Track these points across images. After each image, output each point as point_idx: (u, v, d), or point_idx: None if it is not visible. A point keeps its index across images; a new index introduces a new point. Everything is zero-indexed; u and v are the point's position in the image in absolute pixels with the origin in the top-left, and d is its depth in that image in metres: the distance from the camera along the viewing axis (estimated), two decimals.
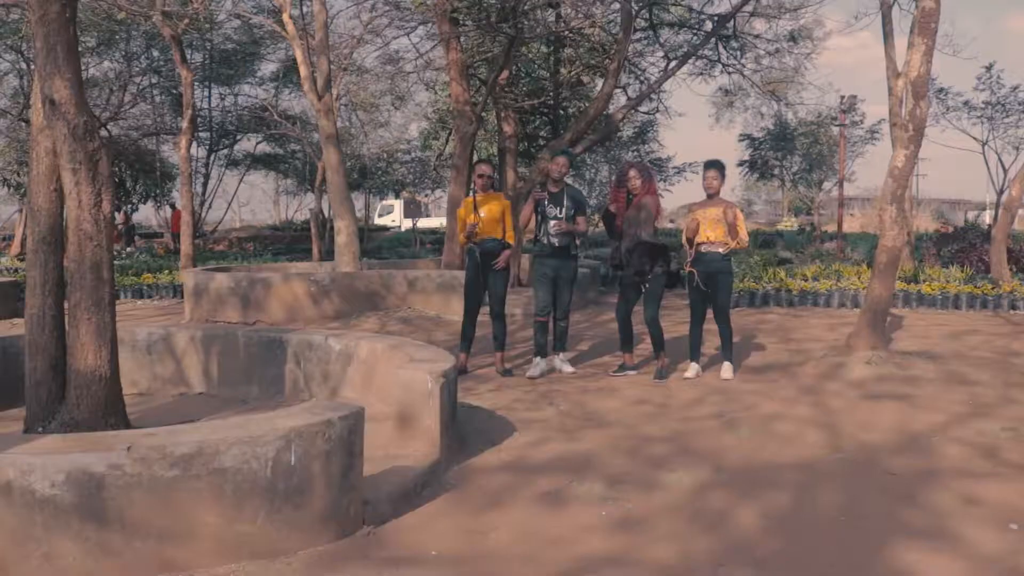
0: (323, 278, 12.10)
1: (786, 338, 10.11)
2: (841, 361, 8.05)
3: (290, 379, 6.37)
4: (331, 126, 13.11)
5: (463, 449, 5.31)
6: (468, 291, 8.11)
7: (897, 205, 7.96)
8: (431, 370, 4.80)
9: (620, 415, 6.42)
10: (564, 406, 6.71)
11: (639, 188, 7.65)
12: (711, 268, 7.65)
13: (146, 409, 6.14)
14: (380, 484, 4.26)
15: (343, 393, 6.15)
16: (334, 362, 6.21)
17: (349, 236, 13.32)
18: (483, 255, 7.94)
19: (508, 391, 7.30)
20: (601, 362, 8.63)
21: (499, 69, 13.83)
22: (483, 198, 8.05)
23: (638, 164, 7.97)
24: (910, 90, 7.69)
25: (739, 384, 7.50)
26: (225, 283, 12.09)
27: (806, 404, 6.69)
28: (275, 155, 31.20)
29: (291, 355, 6.35)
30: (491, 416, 6.30)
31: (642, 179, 7.68)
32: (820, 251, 22.47)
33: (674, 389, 7.33)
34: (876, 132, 26.74)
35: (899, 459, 5.20)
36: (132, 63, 24.51)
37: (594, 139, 15.05)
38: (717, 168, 7.77)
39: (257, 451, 3.40)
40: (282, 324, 11.74)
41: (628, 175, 7.71)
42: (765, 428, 5.96)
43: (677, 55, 15.93)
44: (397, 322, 11.61)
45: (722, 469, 5.04)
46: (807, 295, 13.07)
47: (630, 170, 7.78)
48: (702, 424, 6.10)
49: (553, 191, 7.93)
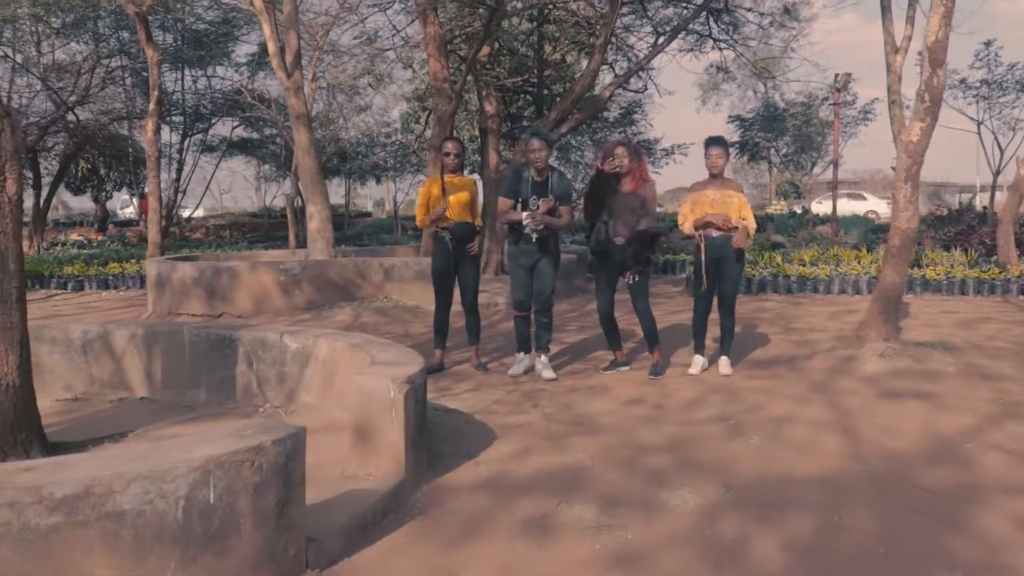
0: (293, 267, 11.37)
1: (787, 328, 9.45)
2: (851, 354, 7.40)
3: (242, 382, 5.66)
4: (301, 105, 12.34)
5: (434, 464, 4.62)
6: (438, 281, 7.37)
7: (912, 183, 7.29)
8: (395, 376, 4.10)
9: (613, 418, 5.74)
10: (550, 408, 6.03)
11: (627, 168, 6.88)
12: (718, 254, 6.94)
13: (77, 418, 5.43)
14: (331, 514, 3.57)
15: (300, 398, 5.45)
16: (290, 363, 5.50)
17: (322, 222, 12.58)
18: (454, 241, 7.22)
19: (488, 391, 6.61)
20: (590, 356, 7.95)
21: (479, 44, 13.06)
22: (451, 180, 7.31)
23: (626, 141, 7.12)
24: (927, 56, 7.01)
25: (741, 381, 6.83)
26: (189, 273, 11.35)
27: (818, 404, 6.02)
28: (251, 140, 30.28)
29: (242, 355, 5.63)
30: (468, 421, 5.61)
31: (631, 158, 6.90)
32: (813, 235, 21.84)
33: (670, 387, 6.65)
34: (870, 112, 26.07)
35: (933, 471, 4.55)
36: (100, 45, 23.55)
37: (580, 118, 14.32)
38: (721, 145, 7.05)
39: (164, 488, 2.71)
40: (250, 316, 11.04)
41: (615, 152, 6.92)
42: (776, 433, 5.30)
43: (666, 30, 15.19)
44: (372, 313, 10.92)
45: (732, 486, 4.36)
46: (806, 281, 12.41)
47: (617, 147, 6.91)
48: (705, 429, 5.43)
49: (538, 180, 7.02)
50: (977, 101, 22.98)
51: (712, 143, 7.04)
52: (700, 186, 7.06)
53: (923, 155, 7.24)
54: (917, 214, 7.40)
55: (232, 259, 13.97)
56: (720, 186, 6.92)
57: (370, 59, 21.52)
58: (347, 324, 10.35)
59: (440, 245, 7.25)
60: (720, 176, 6.98)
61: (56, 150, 27.11)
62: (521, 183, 7.05)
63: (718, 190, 6.91)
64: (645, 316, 7.02)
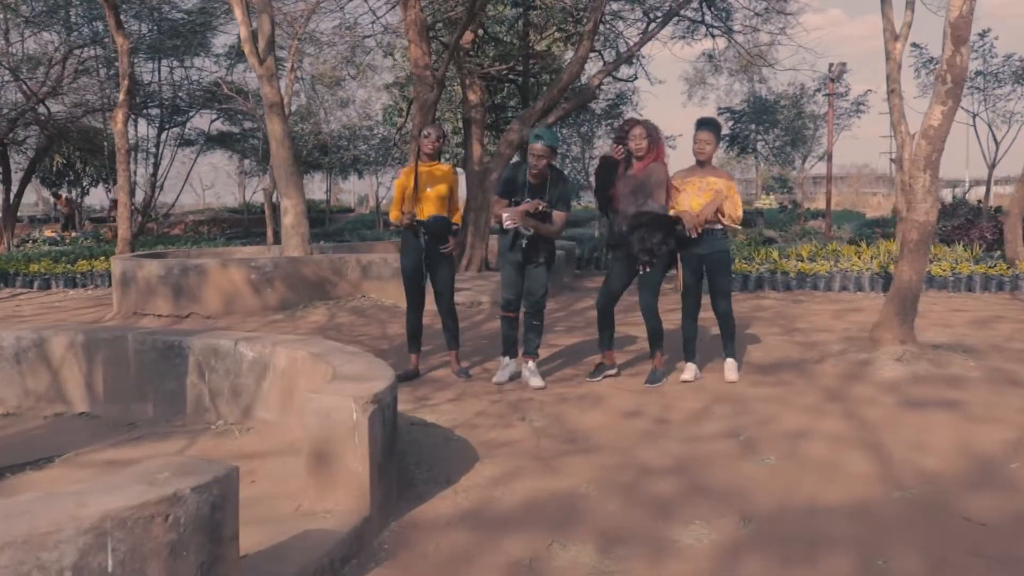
0: (265, 264, 10.72)
1: (789, 328, 8.87)
2: (866, 357, 6.83)
3: (192, 395, 5.03)
4: (275, 93, 11.68)
5: (406, 492, 4.01)
6: (408, 280, 6.72)
7: (932, 172, 6.71)
8: (358, 394, 3.48)
9: (609, 433, 5.14)
10: (539, 421, 5.42)
11: (644, 150, 6.24)
12: (703, 248, 6.33)
13: (4, 436, 4.79)
14: (279, 563, 2.96)
15: (258, 414, 4.82)
16: (246, 374, 4.87)
17: (297, 216, 11.93)
18: (427, 236, 6.59)
19: (470, 401, 6.00)
20: (582, 361, 7.33)
21: (462, 28, 12.42)
22: (429, 169, 6.66)
23: (645, 122, 6.46)
24: (949, 33, 6.42)
25: (748, 388, 6.23)
26: (155, 271, 10.68)
27: (835, 415, 5.43)
28: (231, 134, 29.52)
29: (193, 365, 5.00)
30: (447, 438, 4.99)
31: (648, 140, 6.21)
32: (805, 229, 21.34)
33: (671, 396, 6.05)
34: (863, 104, 25.54)
35: (979, 498, 3.96)
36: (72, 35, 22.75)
37: (568, 108, 13.70)
38: (710, 129, 6.40)
39: (44, 557, 2.08)
40: (220, 316, 10.40)
41: (632, 133, 6.23)
42: (793, 452, 4.70)
43: (658, 16, 14.58)
44: (348, 313, 10.29)
45: (751, 518, 3.77)
46: (805, 278, 11.84)
47: (635, 127, 6.26)
48: (713, 447, 4.83)
49: (534, 184, 6.31)
50: (972, 93, 22.48)
51: (701, 125, 6.37)
52: (683, 173, 6.43)
53: (944, 141, 6.66)
54: (936, 206, 6.83)
55: (204, 256, 13.31)
56: (705, 175, 6.29)
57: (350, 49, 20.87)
58: (321, 325, 9.74)
59: (410, 240, 6.61)
60: (707, 164, 6.36)
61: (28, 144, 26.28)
62: (516, 184, 6.39)
63: (702, 178, 6.28)
64: (649, 314, 6.40)
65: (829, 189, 20.95)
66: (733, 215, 6.21)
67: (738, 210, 6.25)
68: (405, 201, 6.63)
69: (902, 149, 15.12)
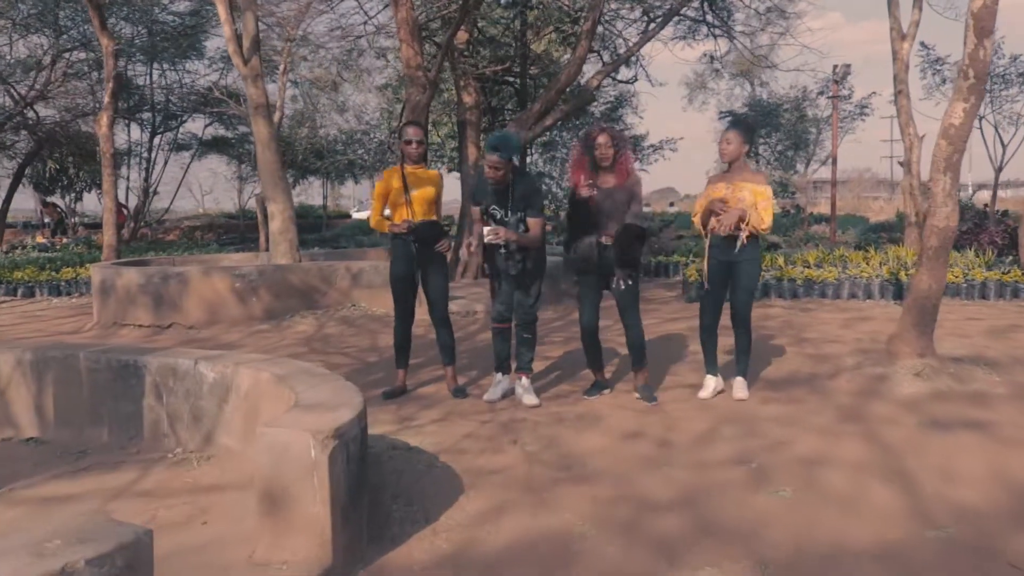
0: (250, 272, 10.27)
1: (799, 338, 8.42)
2: (882, 372, 6.38)
3: (149, 419, 4.58)
4: (260, 94, 11.25)
5: (379, 534, 3.55)
6: (398, 289, 6.26)
7: (952, 174, 6.26)
8: (318, 427, 3.03)
9: (608, 459, 4.69)
10: (532, 445, 4.98)
11: (609, 159, 5.81)
12: (731, 254, 5.88)
13: None
14: None
15: (219, 440, 4.38)
16: (207, 396, 4.42)
17: (285, 222, 11.50)
18: (418, 243, 6.14)
19: (458, 421, 5.55)
20: (579, 375, 6.88)
21: (455, 26, 11.98)
22: (414, 172, 6.21)
23: (610, 128, 6.00)
24: (972, 25, 5.98)
25: (757, 406, 5.78)
26: (135, 279, 10.23)
27: (854, 438, 4.99)
28: (226, 138, 29.09)
29: (150, 386, 4.55)
30: (431, 466, 4.54)
31: (615, 148, 5.78)
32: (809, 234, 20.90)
33: (674, 416, 5.60)
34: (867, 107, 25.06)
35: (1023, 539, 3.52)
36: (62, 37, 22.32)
37: (566, 110, 13.27)
38: (736, 127, 5.97)
39: None
40: (202, 326, 9.96)
41: (597, 141, 5.80)
42: (811, 482, 4.25)
43: (658, 15, 14.14)
44: (337, 323, 9.85)
45: (768, 563, 3.32)
46: (812, 285, 11.37)
47: (599, 135, 5.82)
48: (722, 475, 4.38)
49: (496, 188, 5.90)
50: None
51: (729, 124, 6.00)
52: (716, 178, 6.03)
53: (966, 141, 6.22)
54: (957, 210, 6.38)
55: (189, 263, 12.88)
56: (734, 179, 5.87)
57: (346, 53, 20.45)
58: (308, 335, 9.31)
59: (400, 247, 6.17)
60: (738, 165, 5.92)
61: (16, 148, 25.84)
62: (484, 190, 6.00)
63: (731, 184, 5.86)
64: (634, 329, 5.96)
65: (834, 193, 20.48)
66: (757, 226, 5.77)
67: (764, 222, 5.79)
68: (390, 206, 6.21)
69: (910, 152, 14.71)
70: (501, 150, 5.74)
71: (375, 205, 6.34)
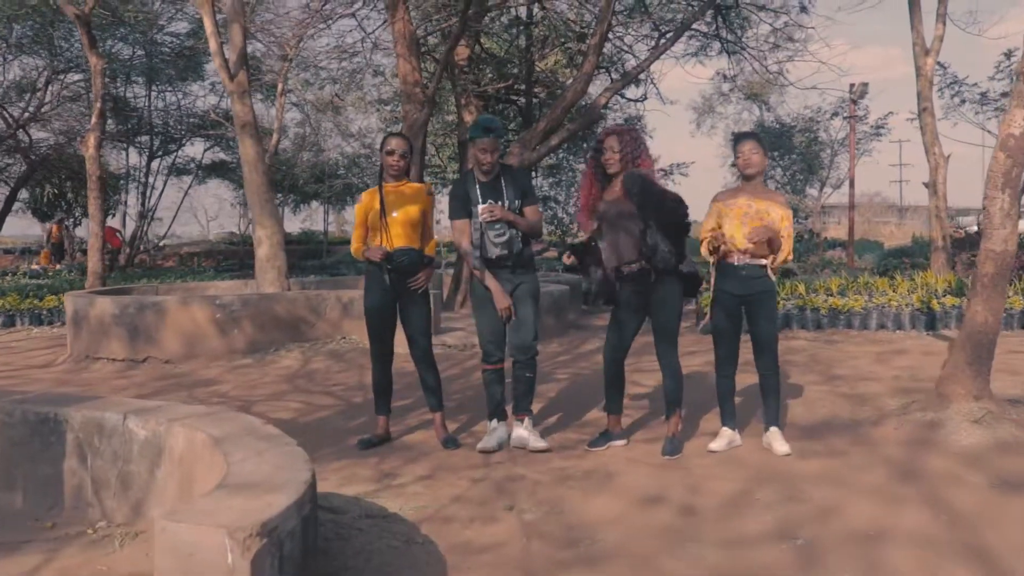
0: (232, 302, 9.52)
1: (829, 375, 7.64)
2: (933, 417, 5.58)
3: (71, 484, 3.81)
4: (247, 112, 10.55)
5: None
6: (373, 325, 5.51)
7: (1011, 192, 5.50)
8: (239, 523, 2.26)
9: (622, 531, 3.91)
10: (531, 512, 4.19)
11: (617, 165, 5.07)
12: (747, 288, 5.13)
13: None
14: None
15: (150, 512, 3.61)
16: (137, 459, 3.65)
17: (272, 248, 10.77)
18: (395, 273, 5.39)
19: (448, 479, 4.78)
20: (587, 419, 6.11)
21: (454, 39, 11.29)
22: (397, 189, 5.48)
23: (621, 130, 5.21)
24: None
25: (795, 461, 4.99)
26: (108, 309, 9.49)
27: (915, 503, 4.19)
28: (225, 163, 28.48)
29: (72, 444, 3.79)
30: (410, 541, 3.76)
31: (621, 152, 5.03)
32: (826, 260, 20.12)
33: (698, 474, 4.80)
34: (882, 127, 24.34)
35: None
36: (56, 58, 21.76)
37: (573, 129, 12.55)
38: (756, 139, 5.24)
39: None
40: (180, 360, 9.21)
41: (605, 144, 5.07)
42: (874, 566, 3.46)
43: (668, 30, 13.44)
44: (325, 357, 9.11)
45: None
46: (838, 315, 10.58)
47: (607, 136, 5.11)
48: (763, 555, 3.59)
49: (484, 180, 5.28)
50: (998, 115, 21.33)
51: (742, 138, 5.23)
52: (727, 195, 5.26)
53: None
54: (1016, 233, 5.61)
55: (174, 291, 12.15)
56: (755, 195, 5.12)
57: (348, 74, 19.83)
58: (293, 371, 8.57)
59: (375, 275, 5.42)
60: (756, 181, 5.17)
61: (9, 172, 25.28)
62: (468, 193, 5.31)
63: (753, 199, 5.11)
64: (671, 371, 5.18)
65: (851, 216, 19.73)
66: (784, 256, 5.03)
67: (788, 250, 5.06)
68: (370, 230, 5.49)
69: (936, 172, 13.96)
70: (494, 130, 5.21)
71: (356, 231, 5.62)
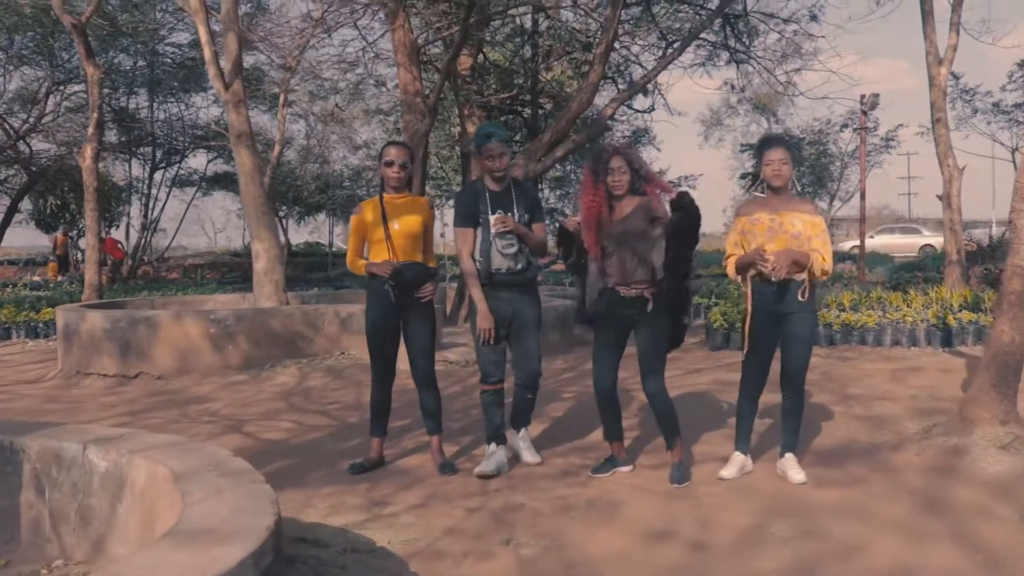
0: (226, 317, 9.24)
1: (844, 395, 7.32)
2: (957, 443, 5.27)
3: (28, 517, 3.52)
4: (243, 122, 10.29)
5: None
6: (375, 344, 5.22)
7: None
8: None
9: (627, 569, 3.62)
10: (529, 547, 3.90)
11: (624, 188, 4.76)
12: (777, 307, 4.80)
13: None
14: None
15: (111, 549, 3.32)
16: (97, 492, 3.37)
17: (270, 262, 10.49)
18: (398, 288, 5.11)
19: (441, 508, 4.48)
20: (589, 442, 5.80)
21: (455, 48, 11.04)
22: (396, 201, 5.21)
23: (625, 149, 4.92)
24: None
25: (812, 490, 4.68)
26: (99, 323, 9.23)
27: (943, 539, 3.88)
28: (229, 174, 28.29)
29: (29, 476, 3.50)
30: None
31: (630, 172, 4.75)
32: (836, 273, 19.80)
33: (708, 504, 4.49)
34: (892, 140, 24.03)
35: None
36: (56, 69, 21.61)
37: (578, 140, 12.28)
38: (785, 146, 4.91)
39: None
40: (172, 376, 8.93)
41: (610, 165, 4.75)
42: None
43: (676, 39, 13.18)
44: (323, 373, 8.81)
45: None
46: (851, 331, 10.26)
47: (613, 156, 4.80)
48: None
49: (495, 190, 5.05)
50: (1011, 127, 21.06)
51: (771, 144, 4.89)
52: (750, 208, 4.95)
53: None
54: None
55: (170, 304, 11.89)
56: (779, 207, 4.80)
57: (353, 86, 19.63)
58: (289, 388, 8.30)
59: (378, 290, 5.14)
60: (783, 195, 4.84)
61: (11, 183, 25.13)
62: (478, 202, 5.06)
63: (775, 214, 4.78)
64: (660, 399, 4.87)
65: (863, 229, 19.38)
66: (820, 267, 4.71)
67: (826, 261, 4.72)
68: (369, 243, 5.21)
69: (950, 184, 13.63)
70: (499, 134, 5.06)
71: (351, 243, 5.34)
